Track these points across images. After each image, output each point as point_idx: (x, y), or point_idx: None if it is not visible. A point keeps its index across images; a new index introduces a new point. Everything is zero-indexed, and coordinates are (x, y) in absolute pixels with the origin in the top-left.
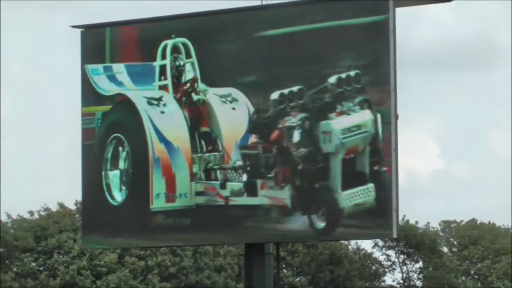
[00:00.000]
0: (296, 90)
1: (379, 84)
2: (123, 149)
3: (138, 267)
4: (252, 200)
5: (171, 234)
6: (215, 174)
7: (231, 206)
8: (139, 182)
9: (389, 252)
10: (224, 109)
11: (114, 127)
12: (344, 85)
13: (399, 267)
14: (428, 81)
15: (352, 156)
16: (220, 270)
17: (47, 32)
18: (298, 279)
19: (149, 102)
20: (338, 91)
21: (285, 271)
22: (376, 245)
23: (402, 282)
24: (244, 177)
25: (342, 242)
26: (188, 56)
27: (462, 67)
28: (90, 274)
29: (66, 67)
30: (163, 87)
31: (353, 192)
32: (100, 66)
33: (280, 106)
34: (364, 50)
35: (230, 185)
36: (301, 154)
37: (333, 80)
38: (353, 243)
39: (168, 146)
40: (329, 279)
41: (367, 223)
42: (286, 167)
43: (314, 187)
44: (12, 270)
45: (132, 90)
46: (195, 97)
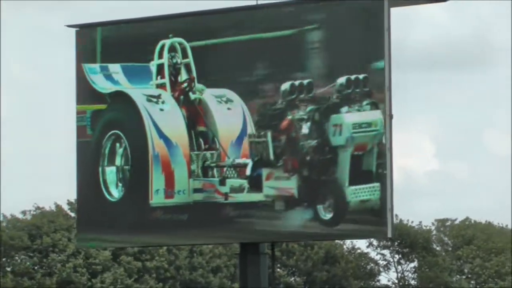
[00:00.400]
0: (306, 83)
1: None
2: (120, 145)
3: (134, 267)
4: (254, 196)
5: (168, 230)
6: (212, 171)
7: (229, 203)
8: (139, 178)
9: (384, 251)
10: (220, 108)
11: (112, 124)
12: (352, 86)
13: (394, 266)
14: (425, 81)
15: (361, 153)
16: (217, 272)
17: (47, 31)
18: (293, 279)
19: (148, 99)
20: (347, 92)
21: (280, 270)
22: (370, 244)
23: (397, 282)
24: (248, 170)
25: (338, 241)
26: (185, 56)
27: (458, 67)
28: (86, 272)
29: (64, 67)
30: (161, 86)
31: (359, 188)
32: (97, 66)
33: (290, 97)
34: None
35: (230, 181)
36: (309, 145)
37: (342, 80)
38: (348, 243)
39: (167, 142)
40: (325, 278)
41: (369, 221)
42: (295, 157)
43: (321, 179)
44: (6, 269)
45: (130, 88)
46: (192, 96)
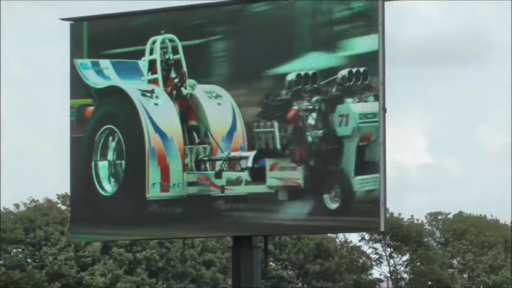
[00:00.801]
0: (311, 73)
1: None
2: (113, 139)
3: (126, 259)
4: (255, 188)
5: (162, 223)
6: (205, 165)
7: (224, 196)
8: (135, 172)
9: (376, 245)
10: (210, 103)
11: (105, 119)
12: (353, 79)
13: (386, 260)
14: (418, 76)
15: (365, 143)
16: (209, 266)
17: (41, 26)
18: (285, 272)
19: (143, 94)
20: (348, 84)
21: (273, 264)
22: (363, 238)
23: (389, 275)
24: (249, 162)
25: (330, 234)
26: (176, 53)
27: (452, 62)
28: (75, 264)
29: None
30: (153, 81)
31: (365, 178)
32: (88, 61)
33: (296, 87)
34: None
35: (226, 174)
36: (316, 135)
37: (344, 72)
38: (341, 236)
39: (162, 136)
40: (318, 270)
41: (374, 213)
42: (302, 147)
43: (328, 169)
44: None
45: (123, 83)
46: (184, 91)
